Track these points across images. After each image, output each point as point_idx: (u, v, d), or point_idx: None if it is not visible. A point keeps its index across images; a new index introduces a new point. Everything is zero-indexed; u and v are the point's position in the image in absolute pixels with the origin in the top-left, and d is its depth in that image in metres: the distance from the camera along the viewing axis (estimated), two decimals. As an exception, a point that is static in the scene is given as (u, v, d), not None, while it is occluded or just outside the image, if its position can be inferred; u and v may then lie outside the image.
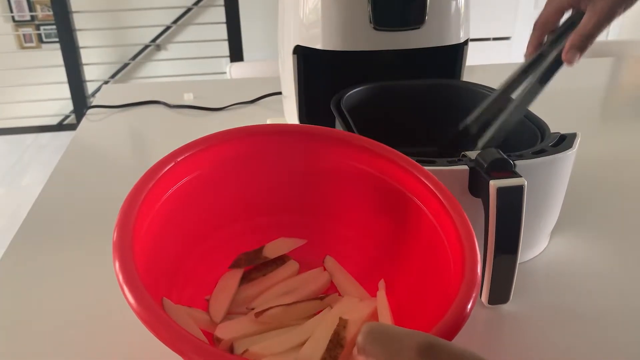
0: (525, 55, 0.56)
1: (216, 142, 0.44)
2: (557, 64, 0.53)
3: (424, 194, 0.42)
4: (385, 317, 0.42)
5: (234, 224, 0.48)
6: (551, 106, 1.02)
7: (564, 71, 0.54)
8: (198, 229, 0.45)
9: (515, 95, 0.55)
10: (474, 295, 0.34)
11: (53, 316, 0.48)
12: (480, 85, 0.69)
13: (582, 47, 0.51)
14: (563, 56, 0.52)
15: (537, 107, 0.62)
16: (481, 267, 0.36)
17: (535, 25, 0.55)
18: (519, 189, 0.42)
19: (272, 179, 0.48)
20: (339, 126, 0.58)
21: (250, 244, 0.48)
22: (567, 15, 0.55)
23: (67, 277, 0.54)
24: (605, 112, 1.05)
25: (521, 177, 0.43)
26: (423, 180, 0.42)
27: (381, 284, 0.45)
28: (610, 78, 1.25)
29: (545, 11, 0.54)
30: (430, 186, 0.42)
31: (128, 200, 0.37)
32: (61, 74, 2.82)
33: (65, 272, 0.55)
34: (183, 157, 0.41)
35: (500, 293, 0.47)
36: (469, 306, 0.33)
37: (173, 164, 0.40)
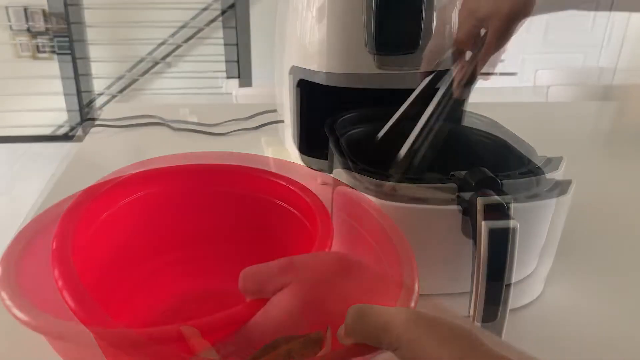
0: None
1: (140, 180, 0.50)
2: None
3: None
4: None
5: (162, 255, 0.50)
6: (552, 146, 1.01)
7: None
8: (132, 255, 0.47)
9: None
10: None
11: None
12: (477, 113, 0.69)
13: (470, 81, 0.51)
14: (454, 92, 0.51)
15: (537, 145, 0.61)
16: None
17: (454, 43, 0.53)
18: (511, 231, 0.42)
19: (180, 213, 0.51)
20: (332, 147, 0.59)
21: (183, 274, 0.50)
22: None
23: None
24: (606, 153, 1.05)
25: (513, 218, 0.43)
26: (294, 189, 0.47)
27: None
28: (612, 121, 1.25)
29: (458, 35, 0.52)
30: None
31: (65, 217, 0.39)
32: (57, 84, 2.84)
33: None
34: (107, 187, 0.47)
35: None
36: None
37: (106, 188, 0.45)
